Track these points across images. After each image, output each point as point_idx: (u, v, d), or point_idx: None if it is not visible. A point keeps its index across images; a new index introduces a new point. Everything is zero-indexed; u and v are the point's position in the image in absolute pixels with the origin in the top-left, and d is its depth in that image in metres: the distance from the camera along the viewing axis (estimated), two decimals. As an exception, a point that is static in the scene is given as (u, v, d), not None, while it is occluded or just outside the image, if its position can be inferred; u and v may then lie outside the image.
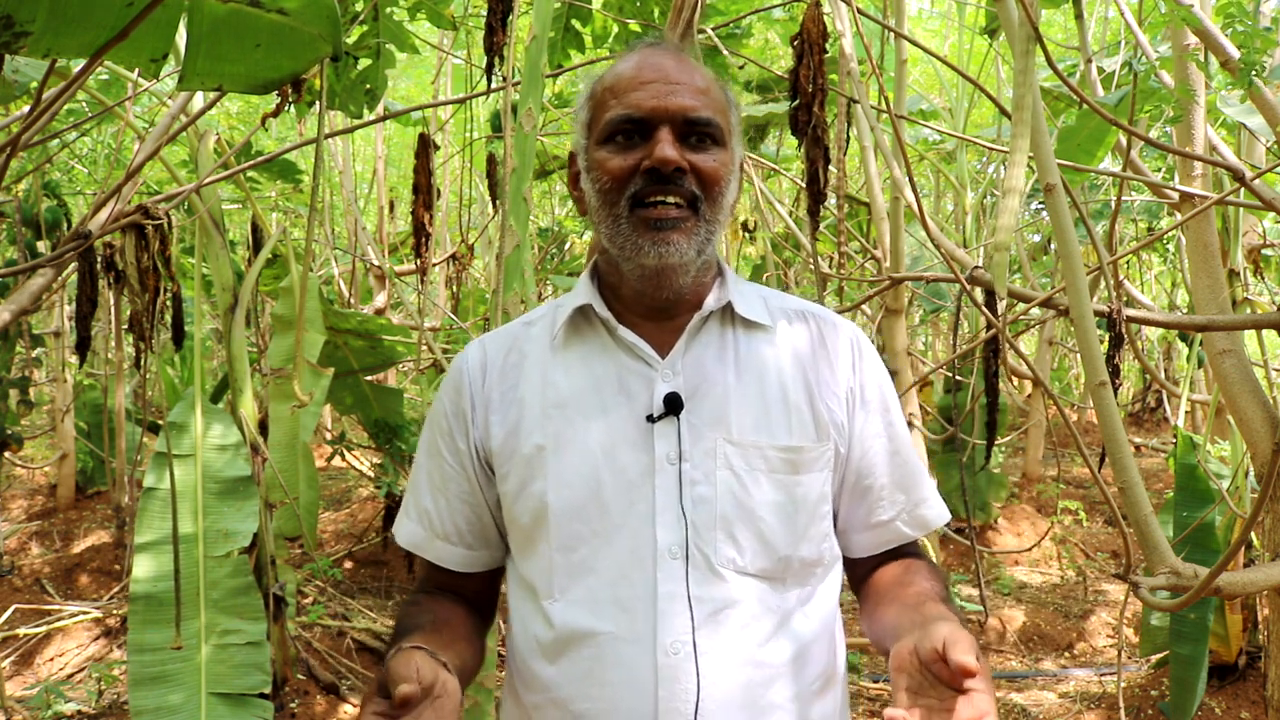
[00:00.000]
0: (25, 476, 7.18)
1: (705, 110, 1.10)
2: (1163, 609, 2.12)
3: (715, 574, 1.07)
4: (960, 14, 5.48)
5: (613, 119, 1.10)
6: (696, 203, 1.10)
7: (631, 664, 1.05)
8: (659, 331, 1.15)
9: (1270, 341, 6.34)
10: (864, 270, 5.37)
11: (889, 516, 1.20)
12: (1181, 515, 3.40)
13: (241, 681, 2.70)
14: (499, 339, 1.22)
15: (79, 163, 5.07)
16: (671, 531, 1.07)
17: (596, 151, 1.12)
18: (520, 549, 1.15)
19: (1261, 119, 2.39)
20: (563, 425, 1.11)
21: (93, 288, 2.41)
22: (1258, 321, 2.28)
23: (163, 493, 2.76)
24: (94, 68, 1.37)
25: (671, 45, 1.17)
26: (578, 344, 1.17)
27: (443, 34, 5.17)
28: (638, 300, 1.15)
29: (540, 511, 1.10)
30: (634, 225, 1.09)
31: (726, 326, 1.17)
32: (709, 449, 1.09)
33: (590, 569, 1.08)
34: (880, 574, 1.20)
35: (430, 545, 1.20)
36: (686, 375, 1.13)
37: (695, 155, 1.09)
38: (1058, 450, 7.99)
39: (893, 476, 1.20)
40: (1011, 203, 1.57)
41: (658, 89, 1.09)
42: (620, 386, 1.12)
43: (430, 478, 1.21)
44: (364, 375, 4.61)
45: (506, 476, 1.14)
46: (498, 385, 1.17)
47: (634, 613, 1.06)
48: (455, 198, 6.72)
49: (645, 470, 1.09)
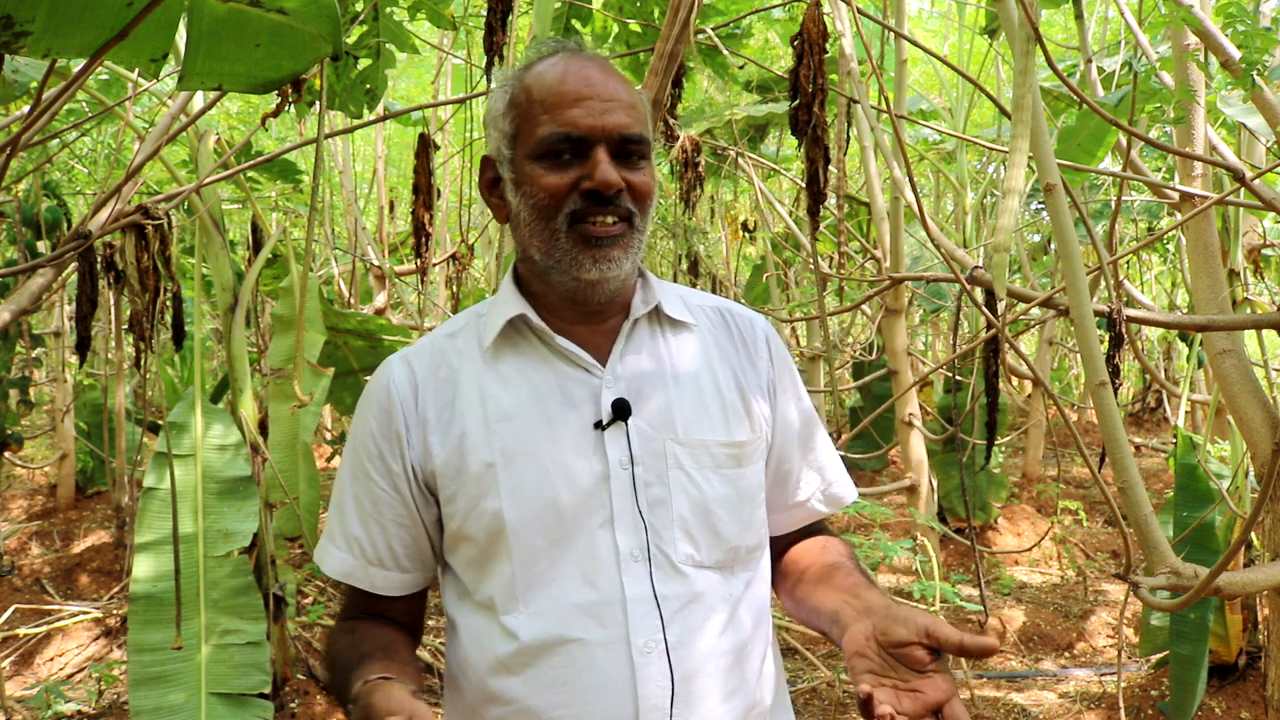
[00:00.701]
0: (25, 476, 7.19)
1: (636, 127, 1.11)
2: (1163, 609, 2.12)
3: (677, 571, 1.10)
4: (960, 14, 5.48)
5: (548, 136, 1.09)
6: (631, 217, 1.11)
7: (607, 667, 1.06)
8: (591, 335, 1.16)
9: (1270, 341, 6.34)
10: (864, 270, 5.37)
11: (805, 497, 1.27)
12: (1181, 515, 3.40)
13: (241, 681, 2.70)
14: (423, 355, 1.19)
15: (79, 163, 5.07)
16: (631, 535, 1.09)
17: (529, 166, 1.11)
18: (472, 566, 1.13)
19: (1261, 119, 2.39)
20: (509, 439, 1.11)
21: (93, 288, 2.41)
22: (1258, 321, 2.28)
23: (163, 493, 2.76)
24: (94, 68, 1.37)
25: (590, 52, 1.17)
26: (511, 355, 1.16)
27: (443, 34, 5.17)
28: (567, 307, 1.16)
29: (497, 528, 1.10)
30: (573, 241, 1.09)
31: (655, 327, 1.19)
32: (658, 451, 1.12)
33: (552, 579, 1.09)
34: (800, 553, 1.26)
35: (364, 573, 1.18)
36: (628, 380, 1.14)
37: (629, 173, 1.11)
38: (1058, 450, 7.99)
39: (807, 460, 1.27)
40: (1011, 203, 1.57)
41: (592, 106, 1.09)
42: (563, 396, 1.13)
43: (359, 503, 1.18)
44: (364, 375, 4.61)
45: (454, 496, 1.12)
46: (432, 403, 1.15)
47: (603, 617, 1.07)
48: (455, 198, 6.72)
49: (600, 477, 1.10)
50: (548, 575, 1.09)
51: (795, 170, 5.68)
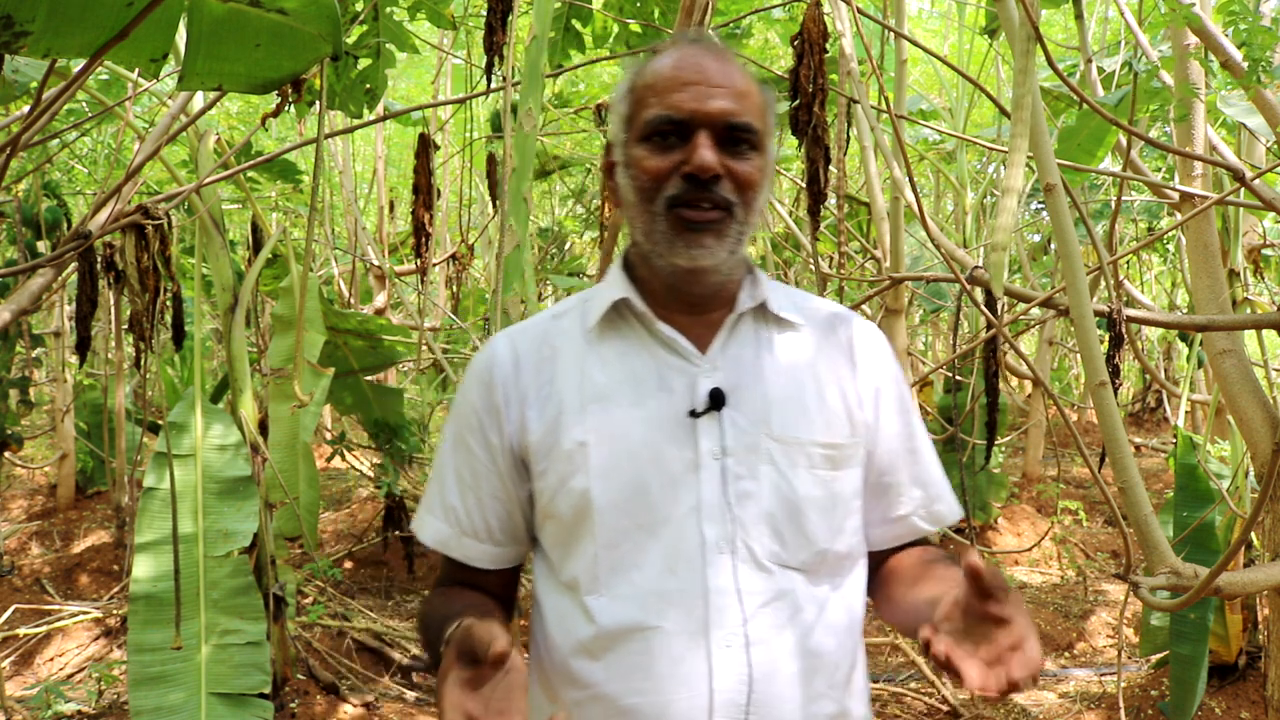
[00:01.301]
0: (25, 476, 7.18)
1: (744, 115, 1.10)
2: (1163, 609, 2.12)
3: (761, 567, 1.08)
4: (960, 14, 5.48)
5: (652, 118, 1.10)
6: (731, 207, 1.10)
7: (685, 658, 1.06)
8: (693, 325, 1.16)
9: (1270, 341, 6.34)
10: (864, 270, 5.37)
11: (906, 511, 1.22)
12: (1181, 515, 3.40)
13: (241, 681, 2.70)
14: (529, 333, 1.21)
15: (79, 163, 5.07)
16: (718, 526, 1.08)
17: (635, 149, 1.12)
18: (559, 545, 1.15)
19: (1261, 119, 2.39)
20: (603, 420, 1.11)
21: (93, 288, 2.41)
22: (1258, 321, 2.29)
23: (163, 493, 2.76)
24: (94, 68, 1.37)
25: (713, 43, 1.17)
26: (613, 337, 1.16)
27: (443, 34, 5.17)
28: (671, 295, 1.16)
29: (583, 507, 1.10)
30: (670, 225, 1.09)
31: (760, 324, 1.18)
32: (752, 444, 1.10)
33: (635, 564, 1.09)
34: (898, 560, 1.23)
35: (458, 543, 1.20)
36: (726, 371, 1.13)
37: (732, 160, 1.09)
38: (1058, 450, 7.99)
39: (911, 473, 1.23)
40: (1010, 203, 1.57)
41: (698, 91, 1.09)
42: (660, 382, 1.13)
43: (458, 474, 1.20)
44: (364, 375, 4.61)
45: (545, 473, 1.14)
46: (533, 380, 1.16)
47: (684, 607, 1.07)
48: (455, 198, 6.72)
49: (689, 465, 1.09)
50: (630, 559, 1.09)
51: (795, 170, 5.67)
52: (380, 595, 5.04)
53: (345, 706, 3.65)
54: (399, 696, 3.89)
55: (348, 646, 4.18)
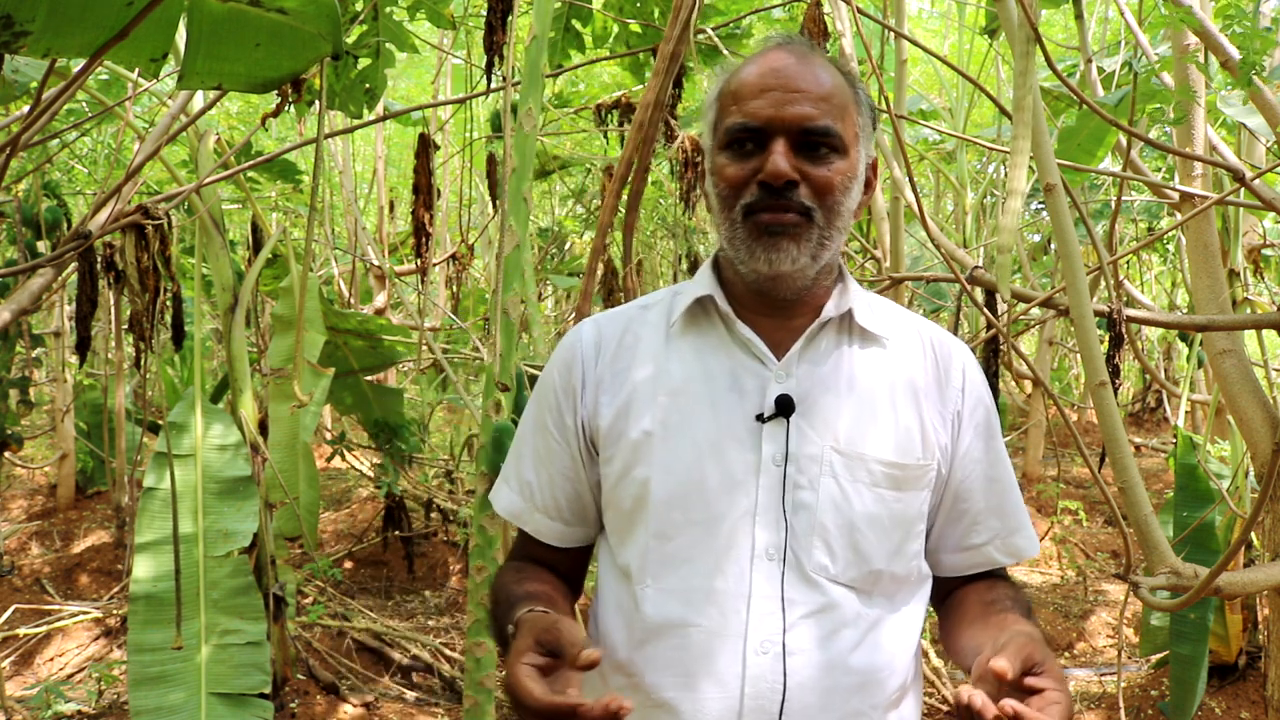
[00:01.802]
0: (25, 476, 7.18)
1: (824, 119, 1.08)
2: (1163, 609, 2.12)
3: (808, 579, 1.08)
4: (960, 14, 5.48)
5: (731, 126, 1.11)
6: (810, 213, 1.09)
7: (721, 659, 1.06)
8: (776, 330, 1.15)
9: (1270, 341, 6.34)
10: (864, 270, 5.37)
11: (982, 541, 1.20)
12: (1181, 515, 3.39)
13: (241, 681, 2.70)
14: (615, 320, 1.22)
15: (79, 163, 5.07)
16: (771, 533, 1.08)
17: (717, 157, 1.13)
18: (617, 532, 1.16)
19: (1261, 119, 2.39)
20: (672, 413, 1.12)
21: (93, 288, 2.41)
22: (1258, 321, 2.28)
23: (163, 493, 2.76)
24: (94, 68, 1.37)
25: (800, 44, 1.16)
26: (694, 334, 1.17)
27: (443, 34, 5.17)
28: (755, 298, 1.16)
29: (642, 497, 1.11)
30: (748, 231, 1.10)
31: (844, 335, 1.17)
32: (815, 455, 1.10)
33: (685, 559, 1.09)
34: (965, 592, 1.21)
35: (530, 517, 1.22)
36: (800, 379, 1.13)
37: (810, 166, 1.08)
38: (1058, 450, 7.99)
39: (990, 502, 1.20)
40: (1014, 204, 1.57)
41: (776, 97, 1.09)
42: (733, 382, 1.13)
43: (536, 451, 1.22)
44: (364, 375, 4.61)
45: (611, 459, 1.15)
46: (610, 365, 1.18)
47: (727, 608, 1.07)
48: (455, 198, 6.71)
49: (750, 469, 1.09)
50: (680, 554, 1.09)
51: (795, 170, 5.66)
52: (380, 595, 5.04)
53: (345, 706, 3.65)
54: (399, 696, 3.89)
55: (348, 646, 4.18)
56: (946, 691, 3.77)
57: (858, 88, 1.15)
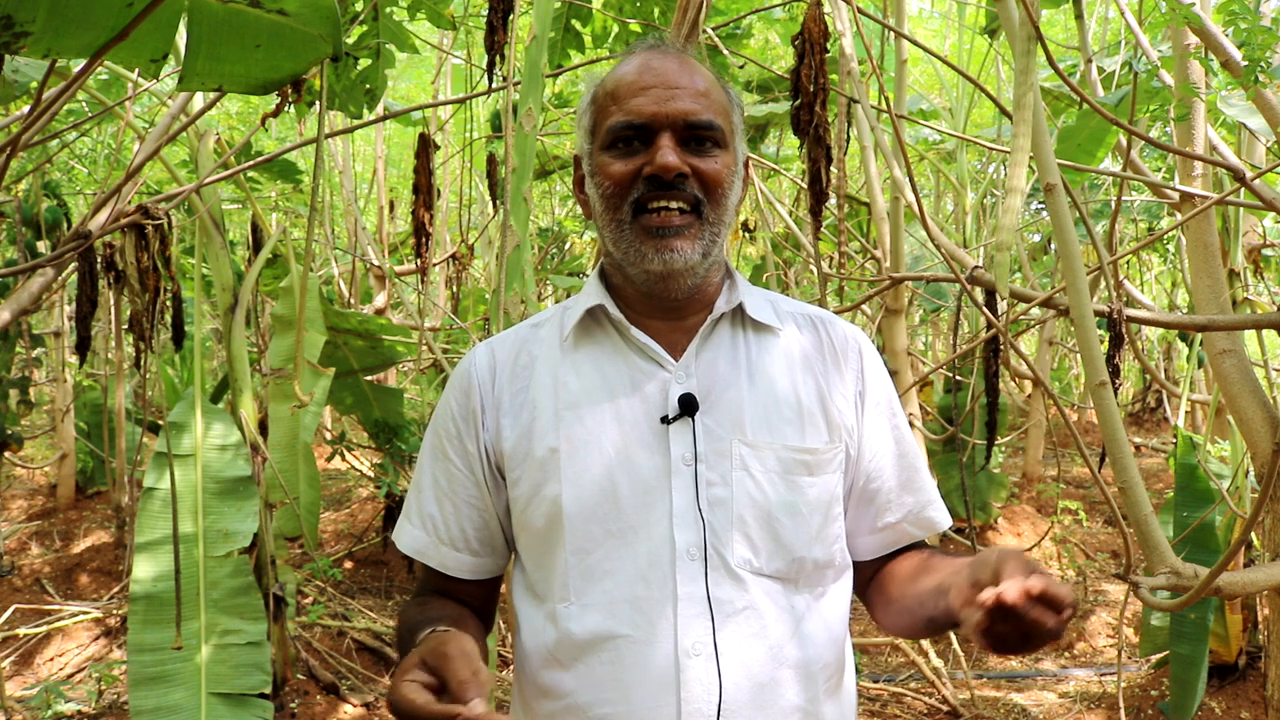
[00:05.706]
0: (25, 476, 7.18)
1: (706, 113, 1.10)
2: (1163, 609, 2.12)
3: (733, 575, 1.07)
4: (960, 14, 5.48)
5: (614, 125, 1.10)
6: (700, 206, 1.10)
7: (653, 667, 1.05)
8: (670, 332, 1.15)
9: (1270, 341, 6.34)
10: (864, 270, 5.37)
11: (896, 519, 1.20)
12: (1181, 515, 3.39)
13: (241, 681, 2.70)
14: (507, 342, 1.21)
15: (79, 163, 5.07)
16: (690, 533, 1.07)
17: (599, 157, 1.12)
18: (532, 554, 1.14)
19: (1262, 119, 2.39)
20: (576, 427, 1.11)
21: (93, 288, 2.41)
22: (1258, 321, 2.29)
23: (163, 493, 2.76)
24: (94, 68, 1.37)
25: (673, 46, 1.17)
26: (588, 345, 1.16)
27: (443, 34, 5.17)
28: (646, 301, 1.15)
29: (555, 515, 1.09)
30: (637, 232, 1.09)
31: (737, 328, 1.17)
32: (724, 450, 1.09)
33: (606, 572, 1.08)
34: (894, 565, 1.20)
35: (435, 551, 1.19)
36: (700, 377, 1.12)
37: (696, 159, 1.09)
38: (1058, 450, 7.99)
39: (899, 479, 1.20)
40: (1014, 203, 1.57)
41: (658, 94, 1.09)
42: (633, 388, 1.12)
43: (435, 482, 1.19)
44: (364, 375, 4.61)
45: (519, 480, 1.13)
46: (508, 387, 1.16)
47: (653, 615, 1.06)
48: (455, 198, 6.72)
49: (661, 472, 1.09)
50: (602, 567, 1.08)
51: (795, 170, 5.67)
52: (380, 595, 5.04)
53: (345, 706, 3.65)
54: (399, 696, 3.88)
55: (348, 646, 4.18)
56: (947, 691, 3.77)
57: (728, 87, 1.17)
